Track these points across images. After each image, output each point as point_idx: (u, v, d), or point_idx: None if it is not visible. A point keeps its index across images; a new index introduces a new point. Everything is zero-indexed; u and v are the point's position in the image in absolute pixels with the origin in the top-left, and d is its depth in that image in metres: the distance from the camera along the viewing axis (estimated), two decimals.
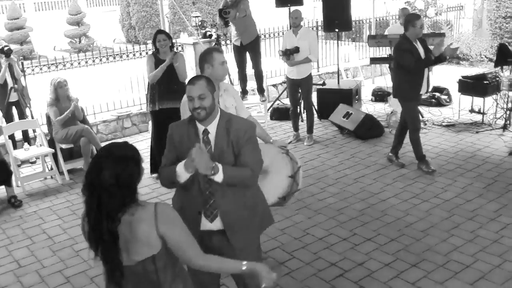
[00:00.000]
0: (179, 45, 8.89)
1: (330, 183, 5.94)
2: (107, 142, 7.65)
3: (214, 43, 8.09)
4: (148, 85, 6.17)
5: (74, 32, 18.87)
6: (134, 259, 2.22)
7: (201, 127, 2.92)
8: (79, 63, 8.26)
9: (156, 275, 2.25)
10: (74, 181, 6.51)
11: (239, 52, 8.18)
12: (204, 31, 8.53)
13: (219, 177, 2.76)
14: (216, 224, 2.93)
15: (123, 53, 8.71)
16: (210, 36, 8.34)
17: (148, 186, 6.15)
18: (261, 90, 8.40)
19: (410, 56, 5.67)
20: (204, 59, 3.80)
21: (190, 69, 7.76)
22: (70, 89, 6.62)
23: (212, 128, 2.91)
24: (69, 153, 6.68)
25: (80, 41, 19.11)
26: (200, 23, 8.58)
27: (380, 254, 4.42)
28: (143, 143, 7.80)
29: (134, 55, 8.77)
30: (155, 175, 6.35)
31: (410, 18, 5.84)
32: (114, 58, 8.62)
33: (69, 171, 6.66)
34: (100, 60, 8.53)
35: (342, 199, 5.52)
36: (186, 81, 6.11)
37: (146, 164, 6.57)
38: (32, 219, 5.52)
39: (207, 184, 2.87)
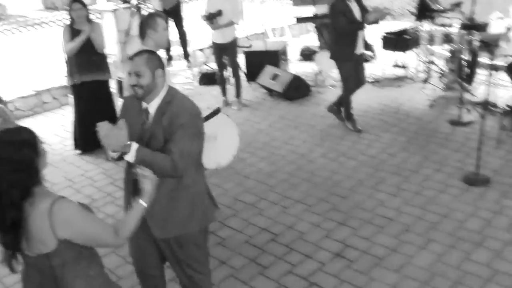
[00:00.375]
0: (98, 12, 8.46)
1: (259, 147, 5.94)
2: (26, 120, 7.29)
3: (134, 9, 7.73)
4: (66, 58, 5.86)
5: None
6: (27, 252, 2.15)
7: (144, 105, 2.77)
8: None
9: (53, 271, 2.17)
10: None
11: None
12: None
13: (130, 157, 2.61)
14: None
15: (42, 22, 8.19)
16: (129, 1, 7.97)
17: (73, 164, 5.90)
18: (186, 55, 8.20)
19: (343, 19, 5.63)
20: (147, 24, 3.70)
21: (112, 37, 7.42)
22: None
23: (152, 108, 2.76)
24: None
25: None
26: None
27: (309, 215, 4.50)
28: (65, 118, 7.47)
29: (54, 23, 8.25)
30: (79, 151, 6.13)
31: None
32: (34, 27, 8.08)
33: None
34: (20, 30, 7.99)
35: (272, 162, 5.55)
36: (105, 51, 5.91)
37: (69, 140, 6.33)
38: None
39: (133, 167, 2.62)
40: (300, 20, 9.52)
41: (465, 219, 4.26)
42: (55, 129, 6.97)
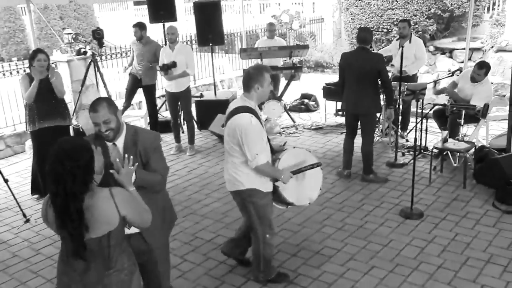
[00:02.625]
0: (52, 63, 8.70)
1: (214, 189, 6.30)
2: None
3: (90, 60, 8.07)
4: (26, 105, 6.06)
5: None
6: (90, 236, 2.54)
7: (110, 144, 3.15)
8: None
9: (108, 250, 2.61)
10: None
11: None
12: (78, 47, 8.47)
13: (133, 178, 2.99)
14: (134, 229, 3.10)
15: None
16: (85, 52, 8.31)
17: (31, 208, 6.03)
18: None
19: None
20: (255, 79, 3.73)
21: (66, 87, 7.68)
22: None
23: (120, 142, 3.18)
24: None
25: None
26: (74, 36, 8.50)
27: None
28: (19, 165, 7.57)
29: (3, 74, 8.39)
30: (36, 196, 6.26)
31: None
32: None
33: None
34: None
35: (226, 202, 5.90)
36: (65, 97, 6.16)
37: (25, 186, 6.44)
38: None
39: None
40: None
41: (402, 247, 4.76)
42: (9, 176, 7.04)
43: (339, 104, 8.68)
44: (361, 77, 5.99)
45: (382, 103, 6.75)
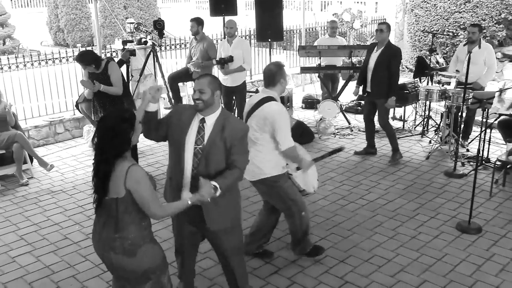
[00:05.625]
0: (114, 51, 8.88)
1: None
2: (39, 148, 7.57)
3: (149, 50, 8.17)
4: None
5: None
6: (109, 196, 2.89)
7: (199, 115, 3.38)
8: (9, 67, 8.04)
9: (117, 215, 2.90)
10: (6, 187, 6.38)
11: None
12: (138, 37, 8.59)
13: (217, 193, 3.20)
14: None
15: (56, 58, 8.56)
16: (145, 42, 8.42)
17: (84, 192, 6.16)
18: None
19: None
20: (279, 74, 4.17)
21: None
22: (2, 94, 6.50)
23: (210, 119, 3.37)
24: (0, 159, 6.53)
25: (4, 43, 18.40)
26: (136, 25, 8.62)
27: None
28: (76, 149, 7.76)
29: (67, 60, 8.61)
30: None
31: None
32: (47, 62, 8.44)
33: (1, 178, 6.52)
34: (32, 64, 8.34)
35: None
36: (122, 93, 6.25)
37: (79, 170, 6.59)
38: None
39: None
40: (304, 69, 10.00)
41: (457, 263, 4.52)
42: (66, 159, 7.25)
43: (399, 108, 8.44)
44: None
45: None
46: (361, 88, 7.17)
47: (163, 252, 3.13)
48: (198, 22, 7.86)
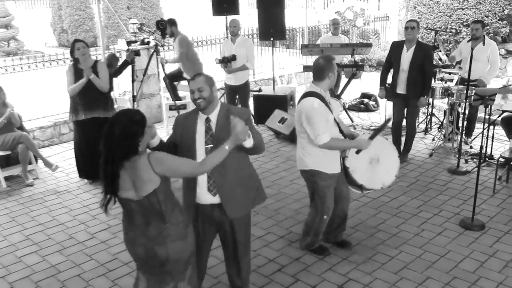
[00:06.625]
0: (117, 51, 8.92)
1: (267, 185, 6.25)
2: (44, 149, 7.62)
3: (152, 50, 8.20)
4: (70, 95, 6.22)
5: (2, 35, 18.25)
6: (141, 195, 2.91)
7: (203, 116, 3.42)
8: (13, 69, 8.09)
9: (159, 205, 2.94)
10: (11, 188, 6.44)
11: None
12: (142, 37, 8.62)
13: (250, 143, 3.24)
14: (217, 199, 3.46)
15: (59, 59, 8.61)
16: (148, 43, 8.45)
17: (89, 192, 6.20)
18: None
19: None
20: (328, 68, 4.19)
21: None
22: (6, 94, 6.55)
23: (213, 116, 3.42)
24: (6, 160, 6.59)
25: (8, 45, 18.50)
26: (139, 26, 8.66)
27: None
28: None
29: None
30: (87, 180, 6.50)
31: None
32: (51, 63, 8.49)
33: (6, 178, 6.57)
34: (36, 65, 8.40)
35: (279, 200, 5.84)
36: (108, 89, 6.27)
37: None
38: None
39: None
40: (307, 68, 10.01)
41: (460, 259, 4.53)
42: (71, 159, 7.28)
43: None
44: None
45: None
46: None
47: None
48: (170, 23, 7.92)
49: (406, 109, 6.83)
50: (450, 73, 8.25)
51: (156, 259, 3.03)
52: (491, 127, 6.38)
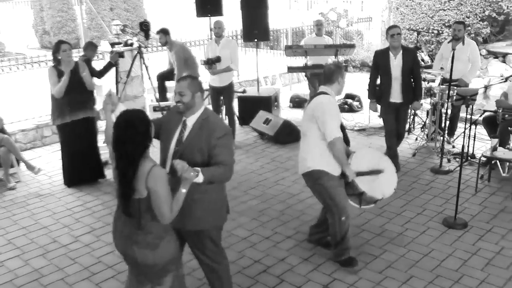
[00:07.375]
0: (100, 53, 8.86)
1: (252, 186, 6.25)
2: (26, 152, 7.53)
3: (136, 52, 8.16)
4: (53, 98, 6.11)
5: None
6: (133, 197, 2.96)
7: (183, 118, 3.45)
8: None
9: (139, 214, 2.98)
10: None
11: None
12: (125, 39, 8.57)
13: (200, 179, 3.17)
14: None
15: (41, 61, 8.51)
16: (132, 44, 8.40)
17: (72, 195, 6.14)
18: None
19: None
20: (338, 72, 4.33)
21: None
22: None
23: (190, 121, 3.43)
24: None
25: None
26: (122, 27, 8.61)
27: (299, 250, 4.78)
28: None
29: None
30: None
31: None
32: (32, 65, 8.40)
33: None
34: (17, 67, 8.30)
35: (264, 201, 5.85)
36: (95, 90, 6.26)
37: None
38: None
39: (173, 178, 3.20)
40: (291, 69, 10.04)
41: (443, 258, 4.58)
42: (54, 162, 7.22)
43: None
44: None
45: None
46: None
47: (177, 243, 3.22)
48: (164, 33, 7.89)
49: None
50: (430, 73, 8.31)
51: (128, 256, 3.12)
52: (473, 126, 6.47)
